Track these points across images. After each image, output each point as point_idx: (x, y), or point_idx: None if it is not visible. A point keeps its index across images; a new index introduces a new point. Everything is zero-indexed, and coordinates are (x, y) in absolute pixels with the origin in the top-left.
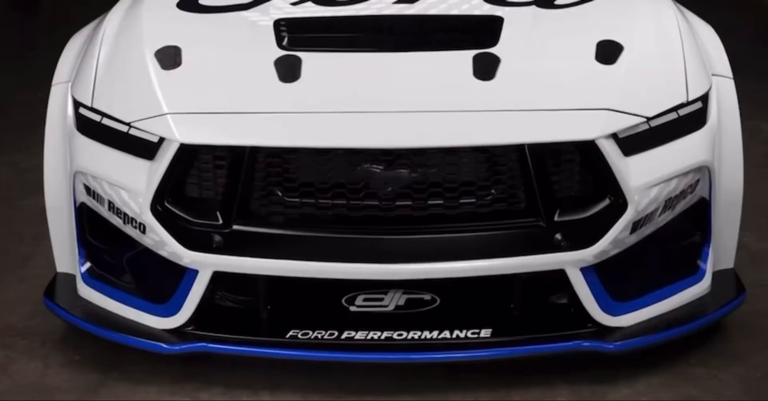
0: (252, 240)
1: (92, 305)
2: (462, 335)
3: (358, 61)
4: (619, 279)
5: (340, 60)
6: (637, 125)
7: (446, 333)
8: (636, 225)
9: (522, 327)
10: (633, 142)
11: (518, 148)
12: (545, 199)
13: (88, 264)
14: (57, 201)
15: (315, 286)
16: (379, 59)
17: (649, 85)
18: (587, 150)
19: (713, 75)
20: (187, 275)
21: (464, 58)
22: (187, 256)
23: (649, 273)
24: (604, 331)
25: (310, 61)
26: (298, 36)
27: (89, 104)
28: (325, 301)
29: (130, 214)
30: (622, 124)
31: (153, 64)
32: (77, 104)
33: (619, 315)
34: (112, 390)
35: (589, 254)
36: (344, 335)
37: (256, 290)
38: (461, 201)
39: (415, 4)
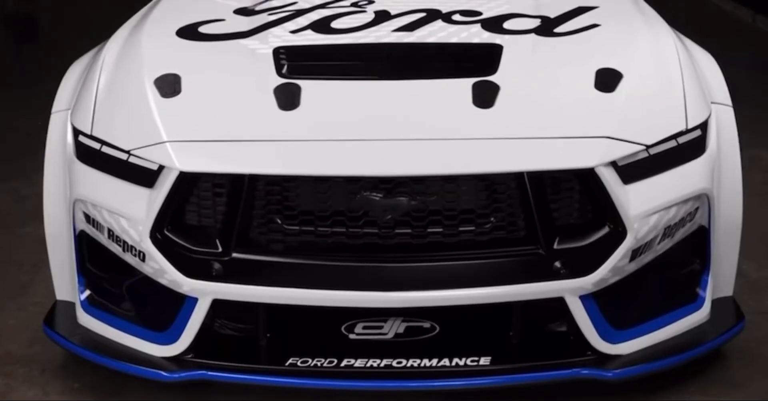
0: (251, 268)
1: (92, 333)
2: (461, 363)
3: (358, 89)
4: (618, 307)
5: (340, 88)
6: (636, 153)
7: (445, 361)
8: (635, 253)
9: (521, 355)
10: (632, 170)
11: (517, 176)
12: (544, 227)
13: (87, 292)
14: (56, 228)
15: (314, 314)
16: (378, 87)
17: (648, 113)
18: (586, 178)
19: (712, 103)
20: (187, 303)
21: (463, 85)
22: (186, 284)
23: (648, 301)
24: (604, 359)
25: (310, 88)
26: (297, 64)
27: (89, 132)
28: (324, 329)
29: (130, 242)
30: (621, 151)
31: (152, 92)
32: (77, 132)
33: (618, 342)
34: None
35: (588, 282)
36: (344, 363)
37: (255, 318)
38: (460, 229)
39: (415, 32)
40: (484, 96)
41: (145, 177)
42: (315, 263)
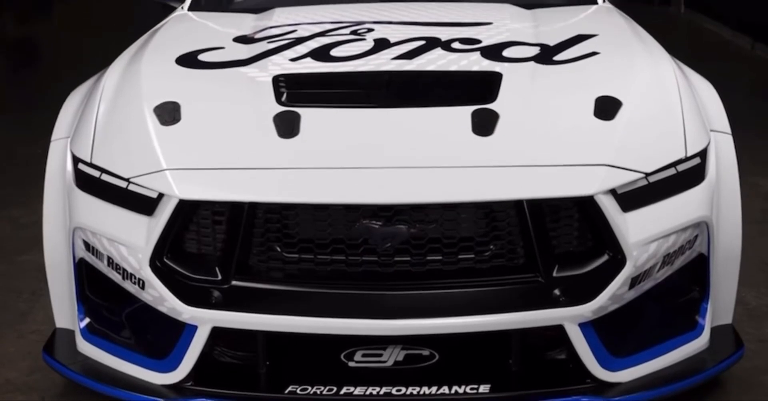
0: (251, 295)
1: (91, 360)
2: (461, 390)
3: (357, 116)
4: (617, 335)
5: (339, 116)
6: (635, 181)
7: (445, 389)
8: (635, 281)
9: (520, 383)
10: (631, 198)
11: (517, 204)
12: (544, 255)
13: (87, 320)
14: (56, 256)
15: (314, 342)
16: (378, 115)
17: (647, 141)
18: (586, 205)
19: (712, 131)
20: (186, 330)
21: (463, 113)
22: (186, 312)
23: (647, 329)
24: (603, 387)
25: (309, 116)
26: (296, 92)
27: (88, 160)
28: (323, 357)
29: (129, 270)
30: (620, 179)
31: (152, 120)
32: (76, 160)
33: (617, 370)
34: None
35: (587, 310)
36: (343, 390)
37: (254, 345)
38: (460, 256)
39: (414, 60)
40: (484, 124)
41: (145, 205)
42: (314, 291)
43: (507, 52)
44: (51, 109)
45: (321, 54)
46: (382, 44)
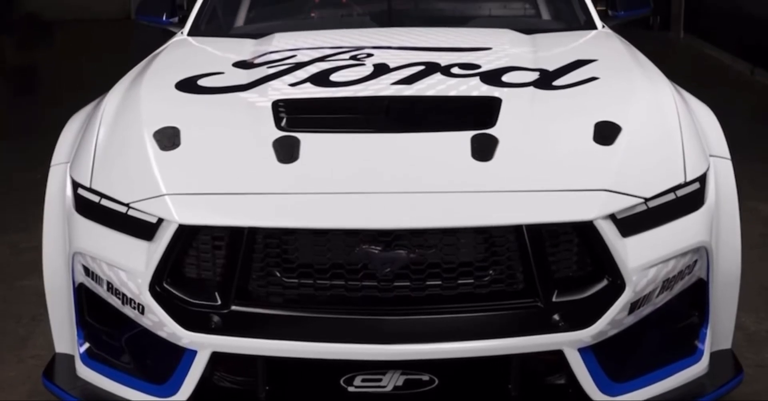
0: (251, 320)
1: (91, 385)
2: None
3: (357, 141)
4: (616, 360)
5: (339, 141)
6: (635, 206)
7: None
8: (634, 306)
9: None
10: (631, 223)
11: (516, 229)
12: (543, 280)
13: (86, 345)
14: (56, 281)
15: (313, 367)
16: (377, 140)
17: (646, 166)
18: (585, 230)
19: (711, 156)
20: (186, 355)
21: (462, 138)
22: (185, 337)
23: (646, 354)
24: None
25: (309, 141)
26: (296, 117)
27: (88, 185)
28: (323, 381)
29: (129, 295)
30: (620, 204)
31: (152, 145)
32: (76, 185)
33: (616, 395)
34: None
35: (586, 335)
36: None
37: (254, 370)
38: (459, 281)
39: (413, 85)
40: (483, 149)
41: (144, 230)
42: (314, 316)
43: (506, 77)
44: (51, 134)
45: (320, 79)
46: (381, 69)
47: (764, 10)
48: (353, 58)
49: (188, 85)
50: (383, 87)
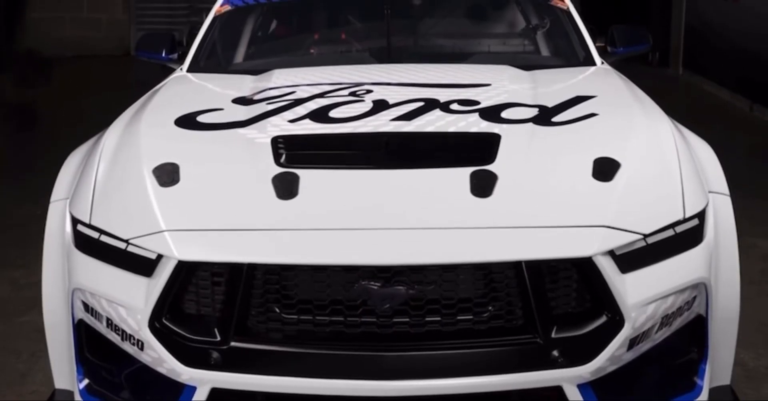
0: (250, 357)
1: None
2: None
3: (356, 178)
4: (615, 395)
5: (338, 177)
6: (634, 242)
7: None
8: (633, 342)
9: None
10: (630, 259)
11: (515, 265)
12: (542, 316)
13: (86, 381)
14: (55, 317)
15: None
16: (376, 176)
17: (645, 202)
18: (584, 267)
19: (710, 192)
20: (186, 391)
21: (461, 175)
22: (185, 373)
23: (646, 390)
24: None
25: (308, 178)
26: (295, 153)
27: (87, 221)
28: None
29: (128, 331)
30: (619, 241)
31: (151, 181)
32: (75, 221)
33: None
34: None
35: (586, 371)
36: None
37: None
38: (458, 318)
39: (413, 121)
40: (482, 185)
41: (144, 266)
42: (313, 352)
43: (506, 114)
44: (50, 170)
45: (320, 115)
46: (380, 105)
47: (762, 47)
48: (352, 94)
49: (188, 121)
50: (382, 123)
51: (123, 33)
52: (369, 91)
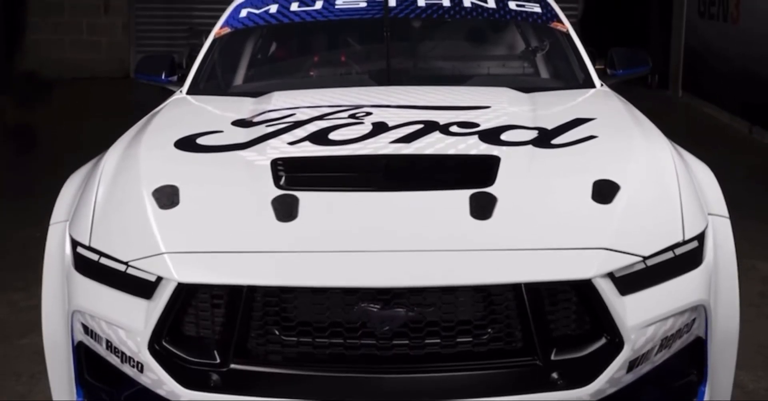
0: (249, 379)
1: None
2: None
3: (356, 200)
4: None
5: (338, 199)
6: (633, 264)
7: None
8: (632, 364)
9: None
10: (629, 281)
11: (515, 287)
12: (542, 338)
13: None
14: (55, 339)
15: None
16: (376, 198)
17: (645, 225)
18: (584, 289)
19: (709, 214)
20: None
21: (461, 197)
22: (184, 395)
23: None
24: None
25: (308, 200)
26: (295, 175)
27: (87, 243)
28: None
29: (128, 353)
30: (618, 263)
31: (151, 204)
32: (75, 243)
33: None
34: None
35: (585, 393)
36: None
37: None
38: (458, 340)
39: (412, 144)
40: (482, 207)
41: (143, 288)
42: (313, 374)
43: (505, 136)
44: (49, 192)
45: (319, 137)
46: (380, 128)
47: (762, 69)
48: (352, 116)
49: (187, 144)
50: (382, 145)
51: (123, 55)
52: (368, 114)
